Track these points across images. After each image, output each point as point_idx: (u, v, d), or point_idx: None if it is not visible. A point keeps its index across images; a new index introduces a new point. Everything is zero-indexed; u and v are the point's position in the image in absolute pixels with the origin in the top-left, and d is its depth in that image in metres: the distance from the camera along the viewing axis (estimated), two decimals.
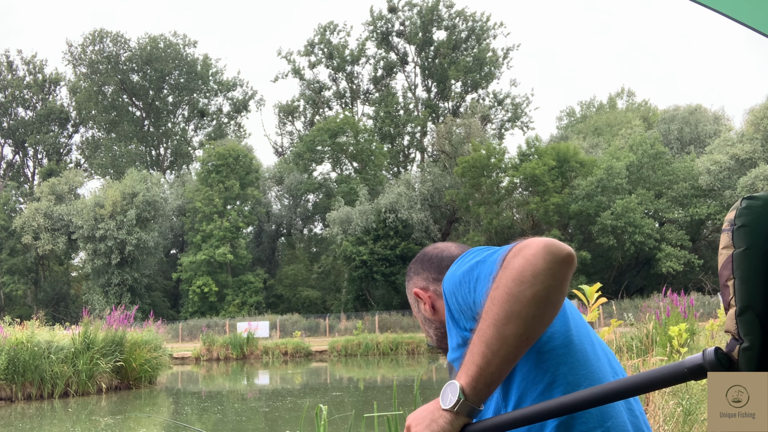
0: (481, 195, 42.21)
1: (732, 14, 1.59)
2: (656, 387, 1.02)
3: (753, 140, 38.84)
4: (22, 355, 15.62)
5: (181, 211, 51.21)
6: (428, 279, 1.59)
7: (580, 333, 1.37)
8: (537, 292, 1.11)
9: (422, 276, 1.60)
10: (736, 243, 1.25)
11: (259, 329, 34.63)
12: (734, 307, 1.22)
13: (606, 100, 64.68)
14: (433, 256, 1.62)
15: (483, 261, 1.30)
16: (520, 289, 1.12)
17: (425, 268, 1.60)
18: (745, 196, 1.31)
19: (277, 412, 14.26)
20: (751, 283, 1.20)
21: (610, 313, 26.13)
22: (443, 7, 56.03)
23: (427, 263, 1.61)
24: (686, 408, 5.71)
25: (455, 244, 1.65)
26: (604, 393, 1.05)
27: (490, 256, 1.30)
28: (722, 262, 1.27)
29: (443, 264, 1.56)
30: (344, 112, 56.33)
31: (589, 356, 1.33)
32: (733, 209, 1.29)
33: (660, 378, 1.00)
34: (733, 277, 1.23)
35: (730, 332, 1.23)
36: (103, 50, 58.21)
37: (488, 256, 1.30)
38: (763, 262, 1.21)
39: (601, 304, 4.26)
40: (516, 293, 1.12)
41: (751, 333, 1.18)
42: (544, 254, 1.13)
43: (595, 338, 1.43)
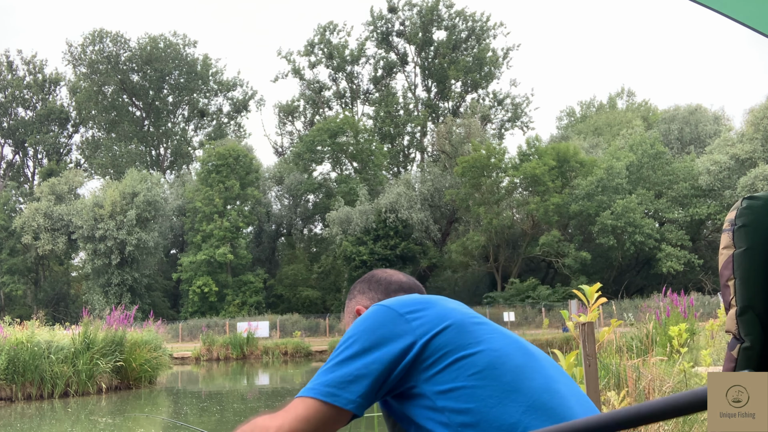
0: (481, 195, 42.20)
1: (732, 14, 1.59)
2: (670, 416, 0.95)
3: (753, 140, 38.84)
4: (22, 355, 15.61)
5: (181, 211, 51.19)
6: (373, 299, 1.61)
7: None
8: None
9: (368, 296, 1.62)
10: (737, 243, 1.24)
11: (259, 329, 34.62)
12: (735, 307, 1.22)
13: (606, 100, 64.72)
14: (381, 278, 1.64)
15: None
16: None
17: (372, 289, 1.62)
18: (745, 196, 1.30)
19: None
20: (751, 283, 1.20)
21: (610, 313, 26.13)
22: (443, 7, 56.01)
23: (374, 284, 1.63)
24: None
25: (404, 274, 1.68)
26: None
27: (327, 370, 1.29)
28: (723, 262, 1.27)
29: (390, 288, 1.60)
30: (344, 112, 56.32)
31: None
32: (734, 209, 1.29)
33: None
34: (734, 277, 1.23)
35: (731, 332, 1.23)
36: (103, 50, 58.19)
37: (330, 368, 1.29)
38: (764, 262, 1.21)
39: (601, 304, 4.26)
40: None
41: (752, 333, 1.18)
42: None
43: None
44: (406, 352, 1.25)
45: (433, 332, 1.27)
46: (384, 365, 1.24)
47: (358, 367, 1.24)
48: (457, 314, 1.32)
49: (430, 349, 1.25)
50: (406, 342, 1.26)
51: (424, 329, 1.27)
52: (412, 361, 1.25)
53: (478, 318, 1.35)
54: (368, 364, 1.24)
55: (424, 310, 1.31)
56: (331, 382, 1.24)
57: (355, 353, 1.26)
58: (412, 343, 1.25)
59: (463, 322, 1.30)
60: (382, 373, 1.24)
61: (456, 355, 1.24)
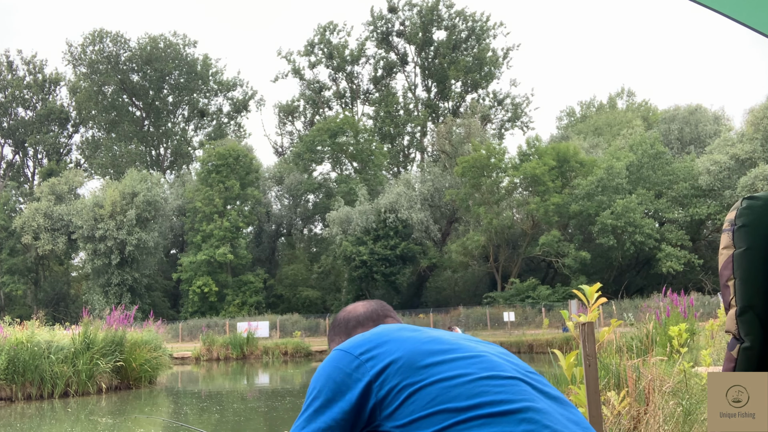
0: (481, 195, 42.21)
1: (732, 14, 1.59)
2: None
3: (753, 140, 38.83)
4: (22, 355, 15.61)
5: (181, 211, 51.20)
6: (341, 342, 1.67)
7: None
8: None
9: (336, 341, 1.69)
10: (737, 243, 1.24)
11: (259, 329, 34.62)
12: (735, 307, 1.22)
13: (606, 100, 64.70)
14: (341, 320, 1.72)
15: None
16: None
17: (337, 333, 1.70)
18: (745, 196, 1.30)
19: (276, 412, 14.26)
20: (751, 283, 1.20)
21: (610, 313, 26.13)
22: (443, 7, 56.03)
23: (337, 328, 1.72)
24: (686, 408, 5.71)
25: (363, 303, 1.74)
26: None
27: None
28: (723, 263, 1.27)
29: (349, 326, 1.67)
30: (344, 112, 56.34)
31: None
32: (734, 209, 1.29)
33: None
34: (734, 277, 1.23)
35: (731, 332, 1.23)
36: (103, 50, 58.19)
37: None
38: (764, 262, 1.21)
39: (601, 304, 4.26)
40: None
41: (752, 333, 1.18)
42: None
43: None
44: (365, 396, 1.30)
45: (387, 371, 1.32)
46: (349, 415, 1.30)
47: (326, 420, 1.31)
48: (410, 344, 1.36)
49: (386, 388, 1.30)
50: (363, 384, 1.31)
51: (378, 369, 1.32)
52: (374, 404, 1.30)
53: (434, 345, 1.38)
54: (333, 416, 1.31)
55: (377, 348, 1.37)
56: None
57: (320, 406, 1.33)
58: (368, 385, 1.31)
59: (416, 352, 1.34)
60: (348, 421, 1.30)
61: (410, 389, 1.28)
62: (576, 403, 4.31)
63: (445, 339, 1.41)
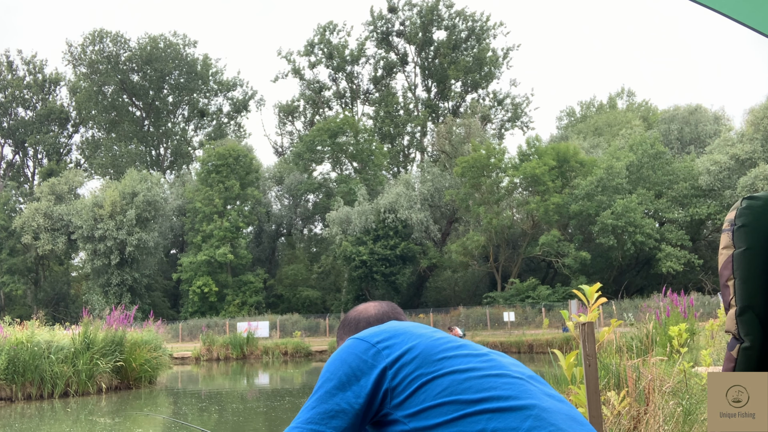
0: (481, 195, 42.21)
1: (732, 14, 1.59)
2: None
3: (753, 140, 38.83)
4: (22, 355, 15.61)
5: (181, 211, 51.19)
6: None
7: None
8: None
9: (344, 340, 1.69)
10: (737, 243, 1.24)
11: (259, 329, 34.63)
12: (735, 307, 1.22)
13: (606, 100, 64.68)
14: (351, 319, 1.73)
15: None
16: None
17: (346, 332, 1.72)
18: (745, 196, 1.30)
19: (276, 412, 14.26)
20: (751, 283, 1.20)
21: (610, 313, 26.14)
22: (443, 6, 56.02)
23: (347, 327, 1.73)
24: (686, 408, 5.71)
25: (374, 304, 1.76)
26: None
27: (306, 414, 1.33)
28: (722, 262, 1.27)
29: (360, 326, 1.68)
30: (344, 112, 56.34)
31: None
32: (734, 209, 1.29)
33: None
34: (734, 277, 1.23)
35: (731, 332, 1.23)
36: (103, 50, 58.19)
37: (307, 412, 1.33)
38: (764, 262, 1.21)
39: (601, 304, 4.26)
40: None
41: (752, 333, 1.18)
42: None
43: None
44: (380, 382, 1.32)
45: (402, 360, 1.34)
46: (362, 398, 1.31)
47: (337, 402, 1.31)
48: (425, 339, 1.40)
49: (400, 376, 1.32)
50: (378, 370, 1.33)
51: (394, 357, 1.34)
52: (386, 391, 1.32)
53: (446, 341, 1.42)
54: (346, 398, 1.31)
55: (393, 338, 1.40)
56: (312, 419, 1.30)
57: (333, 388, 1.33)
58: (383, 372, 1.33)
59: (431, 345, 1.38)
60: (361, 406, 1.31)
61: (423, 379, 1.31)
62: (576, 403, 4.30)
63: (454, 338, 1.46)
